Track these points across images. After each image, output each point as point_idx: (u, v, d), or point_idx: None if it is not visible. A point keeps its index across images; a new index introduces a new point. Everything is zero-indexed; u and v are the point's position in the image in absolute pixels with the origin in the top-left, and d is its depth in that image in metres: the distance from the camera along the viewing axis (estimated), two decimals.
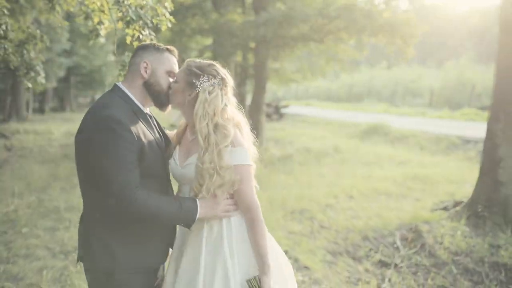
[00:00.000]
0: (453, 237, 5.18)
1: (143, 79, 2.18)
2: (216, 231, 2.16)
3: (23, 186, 8.10)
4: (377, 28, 9.56)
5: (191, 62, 2.24)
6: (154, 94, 2.21)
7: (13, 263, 4.63)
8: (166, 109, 2.29)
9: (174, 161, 2.27)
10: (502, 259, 4.63)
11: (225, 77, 2.21)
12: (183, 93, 2.19)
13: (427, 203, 6.68)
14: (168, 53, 2.25)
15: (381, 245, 5.28)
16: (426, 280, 4.48)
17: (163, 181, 2.26)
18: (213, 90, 2.16)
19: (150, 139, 2.13)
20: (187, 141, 2.31)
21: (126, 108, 2.11)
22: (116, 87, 2.20)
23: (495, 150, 5.73)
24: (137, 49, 2.27)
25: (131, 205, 1.96)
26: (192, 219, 2.08)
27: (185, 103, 2.19)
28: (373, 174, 9.08)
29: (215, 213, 2.12)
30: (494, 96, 5.91)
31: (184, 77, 2.19)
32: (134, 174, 2.00)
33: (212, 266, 2.10)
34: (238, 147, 2.15)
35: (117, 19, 3.19)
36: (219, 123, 2.12)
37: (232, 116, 2.20)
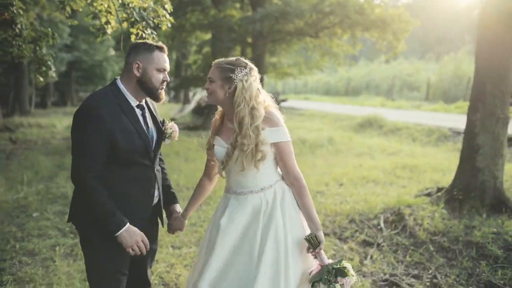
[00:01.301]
0: (432, 219, 5.59)
1: (136, 77, 2.44)
2: (271, 199, 2.55)
3: (31, 175, 8.51)
4: (369, 23, 9.94)
5: (220, 61, 2.56)
6: (147, 90, 2.47)
7: (27, 241, 5.07)
8: (160, 101, 2.57)
9: (223, 148, 2.59)
10: (475, 238, 5.04)
11: (252, 66, 2.56)
12: (223, 88, 2.51)
13: (412, 190, 7.09)
14: (158, 51, 2.47)
15: (366, 227, 5.70)
16: (405, 257, 4.90)
17: (146, 170, 2.53)
18: (247, 78, 2.50)
19: (129, 130, 2.40)
20: (230, 129, 2.60)
21: (112, 101, 2.39)
22: (113, 82, 2.50)
23: (473, 139, 6.12)
24: (130, 49, 2.50)
25: (78, 181, 2.34)
26: (111, 230, 2.32)
27: (225, 97, 2.52)
28: (364, 164, 9.49)
29: (130, 243, 2.35)
30: (473, 88, 6.29)
31: (220, 75, 2.50)
32: (91, 159, 2.31)
33: (266, 230, 2.50)
34: (280, 126, 2.55)
35: (123, 19, 3.59)
36: (254, 106, 2.47)
37: (263, 100, 2.56)
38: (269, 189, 2.59)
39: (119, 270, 2.51)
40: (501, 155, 6.01)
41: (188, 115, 23.88)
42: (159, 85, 2.48)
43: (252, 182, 2.58)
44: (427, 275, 4.49)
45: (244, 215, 2.55)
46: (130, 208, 2.45)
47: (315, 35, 12.01)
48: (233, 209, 2.59)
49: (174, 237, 5.07)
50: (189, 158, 10.56)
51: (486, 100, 6.02)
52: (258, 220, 2.53)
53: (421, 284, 4.30)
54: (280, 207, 2.56)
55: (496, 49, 5.95)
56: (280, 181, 2.64)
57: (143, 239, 2.40)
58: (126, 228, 2.35)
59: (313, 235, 2.53)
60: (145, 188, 2.54)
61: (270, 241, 2.49)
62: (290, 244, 2.53)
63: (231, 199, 2.63)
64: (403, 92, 31.02)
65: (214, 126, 2.73)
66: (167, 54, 2.53)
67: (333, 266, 2.52)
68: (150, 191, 2.57)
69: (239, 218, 2.55)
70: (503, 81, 5.95)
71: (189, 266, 4.47)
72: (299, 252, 2.56)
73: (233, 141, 2.49)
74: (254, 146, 2.45)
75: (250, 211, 2.55)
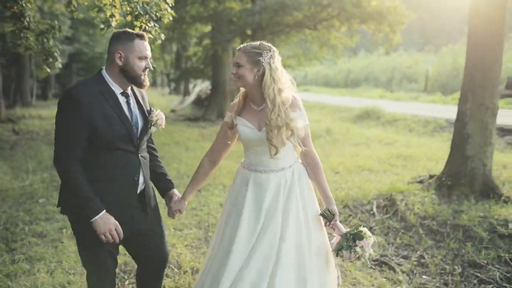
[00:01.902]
0: (423, 204, 5.84)
1: (119, 66, 2.50)
2: (290, 178, 2.75)
3: (35, 164, 8.74)
4: (366, 15, 10.13)
5: (246, 46, 2.68)
6: (130, 78, 2.54)
7: (36, 224, 5.32)
8: (144, 88, 2.64)
9: (248, 128, 2.72)
10: (462, 221, 5.29)
11: (274, 49, 2.70)
12: (252, 72, 2.63)
13: (406, 177, 7.32)
14: (138, 39, 2.52)
15: (359, 211, 5.95)
16: (395, 239, 5.15)
17: (130, 156, 2.58)
18: (273, 61, 2.65)
19: (110, 116, 2.46)
20: (254, 111, 2.76)
21: (94, 88, 2.47)
22: (98, 71, 2.58)
23: (463, 128, 6.35)
24: (111, 39, 2.55)
25: (58, 165, 2.46)
26: (87, 215, 2.43)
27: (253, 80, 2.64)
28: (360, 153, 9.72)
29: (103, 230, 2.45)
30: (464, 79, 6.50)
31: (248, 59, 2.62)
32: (72, 143, 2.42)
33: (287, 206, 2.71)
34: (302, 110, 2.75)
35: (127, 13, 3.80)
36: (280, 87, 2.64)
37: (286, 81, 2.71)
38: (288, 169, 2.77)
39: (107, 251, 2.62)
40: (489, 143, 6.24)
41: (189, 106, 24.08)
42: (141, 72, 2.54)
43: (275, 162, 2.73)
44: (415, 255, 4.74)
45: (267, 194, 2.71)
46: (113, 193, 2.54)
47: (314, 27, 12.19)
48: (256, 188, 2.74)
49: (176, 220, 5.33)
50: (189, 148, 10.78)
51: (476, 91, 6.24)
52: (278, 198, 2.70)
53: (409, 264, 4.55)
54: (298, 185, 2.76)
55: (485, 41, 6.16)
56: (297, 163, 2.83)
57: (117, 228, 2.48)
58: (101, 215, 2.44)
59: (327, 210, 2.79)
60: (129, 173, 2.59)
61: (292, 216, 2.69)
62: (310, 218, 2.76)
63: (252, 176, 2.76)
64: (402, 84, 31.14)
65: (237, 108, 2.82)
66: (147, 42, 2.59)
67: (351, 233, 2.77)
68: (134, 177, 2.61)
69: (262, 198, 2.71)
70: (492, 72, 6.17)
71: (190, 246, 4.74)
72: (317, 225, 2.80)
73: (268, 120, 2.61)
74: (285, 124, 2.61)
75: (272, 189, 2.71)
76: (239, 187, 2.84)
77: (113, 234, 2.47)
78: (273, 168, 2.74)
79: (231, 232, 2.73)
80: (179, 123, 16.36)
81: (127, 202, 2.62)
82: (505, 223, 5.12)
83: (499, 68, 6.23)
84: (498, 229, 5.02)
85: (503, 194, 6.04)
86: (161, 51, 30.10)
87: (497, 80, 6.24)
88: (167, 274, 4.04)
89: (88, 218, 2.42)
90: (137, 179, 2.62)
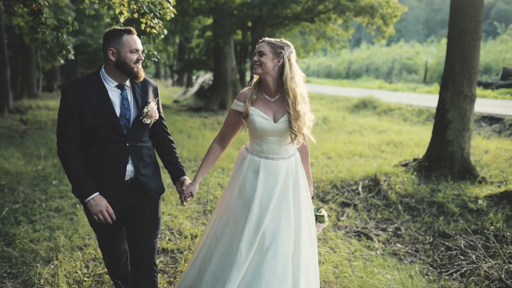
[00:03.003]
0: (403, 184, 6.37)
1: (113, 62, 2.66)
2: (294, 164, 3.01)
3: (46, 151, 9.27)
4: (359, 9, 10.57)
5: (270, 39, 2.90)
6: (125, 71, 2.68)
7: (51, 201, 5.88)
8: (139, 79, 2.76)
9: (265, 119, 2.88)
10: (438, 199, 5.82)
11: (293, 46, 2.94)
12: (273, 61, 2.83)
13: (393, 161, 7.83)
14: (127, 35, 2.67)
15: (346, 191, 6.48)
16: (376, 215, 5.69)
17: (116, 144, 2.72)
18: (292, 56, 2.89)
19: (95, 106, 2.64)
20: (267, 102, 2.94)
21: (86, 82, 2.69)
22: (98, 68, 2.77)
23: (444, 114, 6.85)
24: (103, 38, 2.72)
25: (58, 150, 2.71)
26: (80, 195, 2.70)
27: (273, 69, 2.84)
28: (353, 140, 10.23)
29: (95, 211, 2.67)
30: (444, 68, 6.99)
31: (271, 50, 2.84)
32: (67, 131, 2.65)
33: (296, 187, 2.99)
34: (307, 102, 2.97)
35: (134, 11, 4.32)
36: (297, 81, 2.87)
37: (300, 77, 2.93)
38: (293, 156, 3.03)
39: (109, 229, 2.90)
40: (468, 129, 6.74)
41: (191, 97, 24.54)
42: (134, 65, 2.68)
43: (285, 149, 2.97)
44: (392, 228, 5.29)
45: (279, 179, 2.92)
46: (101, 179, 2.73)
47: (311, 20, 12.63)
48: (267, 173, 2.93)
49: (177, 195, 5.89)
50: (191, 136, 11.31)
51: (455, 80, 6.72)
52: (288, 182, 2.95)
53: (385, 234, 5.09)
54: (300, 169, 3.06)
55: (464, 32, 6.62)
56: (296, 151, 3.10)
57: (108, 209, 2.68)
58: (93, 196, 2.65)
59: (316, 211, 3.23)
60: (114, 162, 2.73)
61: (302, 196, 3.00)
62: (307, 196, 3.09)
63: (262, 163, 2.94)
64: (402, 75, 31.52)
65: (250, 98, 2.95)
66: (135, 35, 2.74)
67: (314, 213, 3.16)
68: (119, 165, 2.74)
69: (274, 182, 2.92)
70: (470, 62, 6.65)
71: (190, 217, 5.30)
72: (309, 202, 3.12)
73: (291, 110, 2.82)
74: (303, 114, 2.85)
75: (282, 175, 2.94)
76: (246, 172, 2.99)
77: (104, 215, 2.67)
78: (282, 156, 2.96)
79: (241, 214, 2.90)
80: (182, 113, 16.88)
81: (115, 189, 2.77)
82: (475, 200, 5.65)
83: (477, 59, 6.69)
84: (469, 205, 5.54)
85: (479, 175, 6.54)
86: (165, 43, 30.60)
87: (475, 70, 6.70)
88: (170, 238, 4.61)
89: (82, 200, 2.68)
90: (122, 167, 2.75)
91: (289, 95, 2.83)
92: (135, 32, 2.74)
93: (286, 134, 2.91)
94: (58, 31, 5.27)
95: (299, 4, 12.50)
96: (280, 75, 2.87)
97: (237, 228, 2.88)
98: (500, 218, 5.08)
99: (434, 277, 4.08)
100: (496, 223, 5.01)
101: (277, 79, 2.88)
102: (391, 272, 3.77)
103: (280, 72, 2.86)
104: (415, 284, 3.60)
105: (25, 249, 4.24)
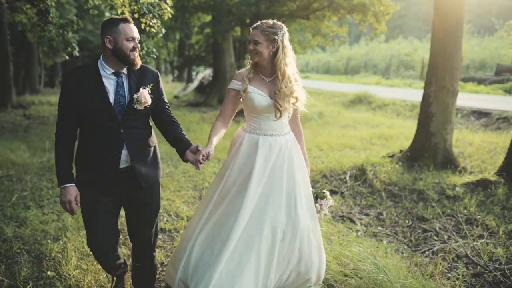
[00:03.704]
0: (388, 173, 6.77)
1: (110, 50, 2.72)
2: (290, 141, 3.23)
3: (50, 144, 9.64)
4: (352, 7, 10.94)
5: (262, 26, 3.01)
6: (121, 58, 2.74)
7: (58, 188, 6.23)
8: (136, 67, 2.81)
9: (262, 96, 3.09)
10: (419, 186, 6.22)
11: (284, 26, 3.07)
12: (268, 48, 3.00)
13: (381, 153, 8.22)
14: (123, 23, 2.73)
15: (334, 180, 6.88)
16: (361, 201, 6.09)
17: (110, 131, 2.78)
18: (285, 38, 3.04)
19: (90, 94, 2.72)
20: (264, 81, 3.14)
21: (83, 70, 2.78)
22: (97, 57, 2.84)
23: (428, 108, 7.24)
24: (101, 27, 2.78)
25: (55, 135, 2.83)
26: (58, 180, 2.80)
27: (268, 56, 3.03)
28: (346, 134, 10.62)
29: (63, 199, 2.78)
30: (428, 65, 7.37)
31: (265, 37, 2.98)
32: (62, 117, 2.77)
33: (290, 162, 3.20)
34: (300, 83, 3.17)
35: (134, 11, 4.71)
36: (287, 62, 3.05)
37: (291, 57, 3.11)
38: (288, 133, 3.25)
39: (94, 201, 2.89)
40: (450, 121, 7.14)
41: (191, 93, 24.94)
42: (130, 52, 2.73)
43: (281, 127, 3.18)
44: (375, 213, 5.69)
45: (274, 153, 3.13)
46: (96, 164, 2.82)
47: (306, 17, 13.01)
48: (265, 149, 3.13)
49: (175, 183, 6.31)
50: (190, 129, 11.70)
51: (439, 75, 7.11)
52: (284, 157, 3.17)
53: (368, 218, 5.49)
54: (295, 148, 3.27)
55: (447, 32, 7.00)
56: (291, 131, 3.32)
57: (70, 204, 2.77)
58: (64, 186, 2.77)
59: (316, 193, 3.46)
60: (109, 148, 2.80)
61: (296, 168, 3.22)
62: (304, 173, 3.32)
63: (260, 139, 3.13)
64: (400, 71, 31.86)
65: (248, 76, 3.13)
66: (132, 24, 2.79)
67: (315, 192, 3.42)
68: (114, 151, 2.80)
69: (270, 156, 3.12)
70: (452, 58, 7.03)
71: (186, 202, 5.71)
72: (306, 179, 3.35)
73: (278, 89, 3.03)
74: (291, 93, 3.05)
75: (278, 149, 3.14)
76: (247, 151, 3.16)
77: (71, 206, 2.78)
78: (279, 132, 3.17)
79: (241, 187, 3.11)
80: (182, 108, 17.29)
81: (110, 174, 2.83)
82: (453, 187, 6.05)
83: (459, 56, 7.08)
84: (447, 191, 5.95)
85: (460, 165, 6.94)
86: (165, 40, 30.93)
87: (457, 66, 7.09)
88: (168, 220, 5.02)
89: (58, 185, 2.81)
90: (117, 153, 2.81)
91: (277, 75, 3.04)
92: (132, 21, 2.79)
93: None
94: (64, 29, 5.64)
95: (295, 1, 12.87)
96: (274, 58, 3.05)
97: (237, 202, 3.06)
98: (473, 203, 5.49)
99: (407, 254, 4.49)
100: (470, 207, 5.41)
101: (272, 62, 3.07)
102: (367, 250, 4.17)
103: (275, 55, 3.04)
104: (388, 257, 4.01)
105: (36, 229, 4.64)
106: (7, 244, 4.27)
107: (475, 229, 4.90)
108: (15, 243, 4.29)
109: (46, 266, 3.82)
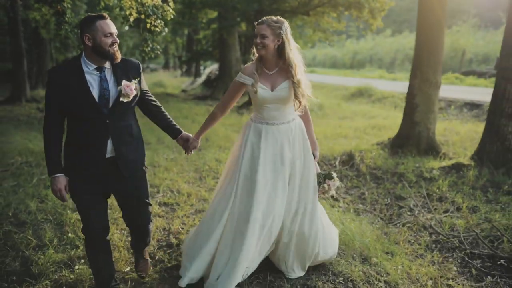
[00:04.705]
0: (374, 159, 7.37)
1: (90, 47, 2.79)
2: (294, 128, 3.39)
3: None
4: (348, 3, 11.50)
5: (268, 20, 3.18)
6: (101, 54, 2.80)
7: None
8: (116, 61, 2.88)
9: (264, 89, 3.26)
10: (400, 170, 6.81)
11: (286, 21, 3.25)
12: (273, 42, 3.16)
13: (371, 141, 8.82)
14: (99, 20, 2.78)
15: (324, 165, 7.49)
16: (347, 183, 6.70)
17: (95, 122, 2.86)
18: (288, 31, 3.22)
19: (72, 88, 2.78)
20: (267, 75, 3.30)
21: (66, 66, 2.85)
22: (80, 54, 2.90)
23: (413, 99, 7.81)
24: (80, 26, 2.84)
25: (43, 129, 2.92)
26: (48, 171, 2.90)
27: (273, 49, 3.19)
28: (343, 125, 11.20)
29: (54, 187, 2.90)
30: (413, 59, 7.93)
31: (271, 31, 3.14)
32: (49, 111, 2.85)
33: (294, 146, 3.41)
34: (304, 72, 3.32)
35: (141, 12, 5.35)
36: (294, 53, 3.24)
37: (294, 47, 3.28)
38: (293, 121, 3.39)
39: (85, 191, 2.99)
40: (433, 111, 7.70)
41: (199, 87, 25.54)
42: (109, 48, 2.79)
43: (284, 115, 3.35)
44: (358, 193, 6.30)
45: (278, 141, 3.34)
46: (83, 155, 2.91)
47: (306, 13, 13.57)
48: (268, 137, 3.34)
49: (179, 166, 6.98)
50: (195, 121, 12.33)
51: (423, 68, 7.67)
52: (288, 143, 3.37)
53: (352, 197, 6.11)
54: (301, 133, 3.43)
55: (430, 27, 7.55)
56: (297, 117, 3.46)
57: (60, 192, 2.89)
58: (54, 176, 2.88)
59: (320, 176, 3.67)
60: (94, 139, 2.89)
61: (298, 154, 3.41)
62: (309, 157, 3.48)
63: (264, 128, 3.35)
64: (404, 64, 32.24)
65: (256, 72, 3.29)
66: (109, 20, 2.84)
67: (323, 173, 3.66)
68: (100, 142, 2.90)
69: (274, 144, 3.34)
70: (435, 52, 7.58)
71: (188, 182, 6.37)
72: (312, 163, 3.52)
73: (292, 79, 3.21)
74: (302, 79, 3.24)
75: (282, 137, 3.34)
76: (254, 139, 3.39)
77: (57, 195, 2.92)
78: (282, 121, 3.34)
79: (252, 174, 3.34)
80: (188, 102, 17.92)
81: (96, 165, 2.94)
82: (431, 170, 6.64)
83: (441, 50, 7.63)
84: (424, 174, 6.54)
85: (441, 151, 7.52)
86: (173, 35, 31.54)
87: (439, 60, 7.63)
88: (170, 195, 5.69)
89: (48, 175, 2.93)
90: (103, 144, 2.91)
91: (290, 64, 3.21)
92: (108, 17, 2.85)
93: (282, 101, 3.30)
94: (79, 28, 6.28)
95: None
96: (278, 51, 3.22)
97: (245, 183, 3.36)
98: (446, 183, 6.08)
99: (380, 225, 5.10)
100: (442, 188, 6.01)
101: (276, 55, 3.24)
102: (339, 218, 4.78)
103: (279, 48, 3.20)
104: (362, 228, 4.64)
105: (56, 203, 5.32)
106: (32, 215, 4.96)
107: (443, 205, 5.50)
108: (39, 214, 4.97)
109: (67, 230, 4.51)
